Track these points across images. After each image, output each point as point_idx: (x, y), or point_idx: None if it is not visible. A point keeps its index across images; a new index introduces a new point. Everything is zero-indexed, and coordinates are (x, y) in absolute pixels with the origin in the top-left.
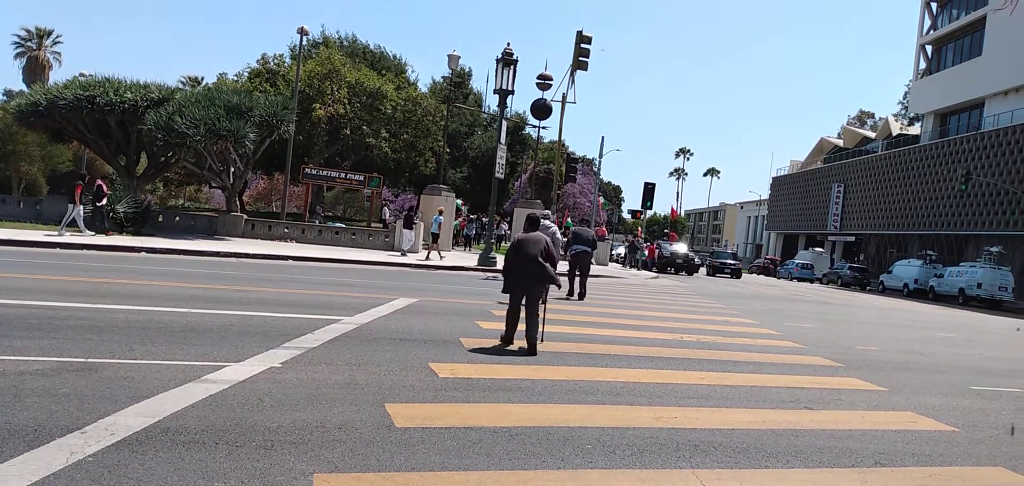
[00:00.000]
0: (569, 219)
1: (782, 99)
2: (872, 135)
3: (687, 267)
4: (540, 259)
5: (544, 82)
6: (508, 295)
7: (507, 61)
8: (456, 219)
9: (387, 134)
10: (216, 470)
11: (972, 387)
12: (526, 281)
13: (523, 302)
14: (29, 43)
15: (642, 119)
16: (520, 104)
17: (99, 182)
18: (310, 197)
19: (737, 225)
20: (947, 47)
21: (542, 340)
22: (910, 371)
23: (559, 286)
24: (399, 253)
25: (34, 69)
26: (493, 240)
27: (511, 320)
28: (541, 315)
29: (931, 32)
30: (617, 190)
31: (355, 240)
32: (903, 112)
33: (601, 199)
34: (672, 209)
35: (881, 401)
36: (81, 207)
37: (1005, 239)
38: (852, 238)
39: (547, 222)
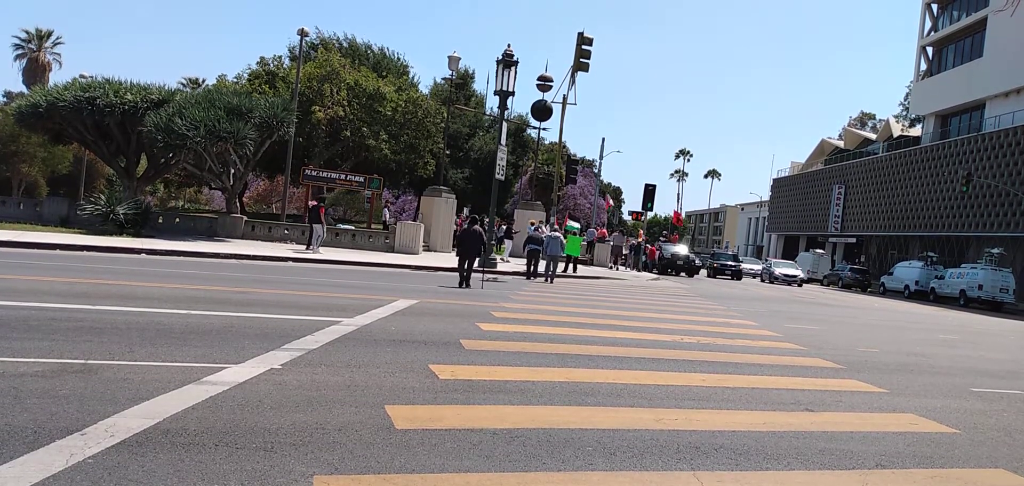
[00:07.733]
0: (569, 223)
1: (783, 100)
2: (873, 136)
3: (687, 269)
4: (475, 240)
5: (544, 83)
6: (458, 258)
7: (507, 62)
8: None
9: (387, 136)
10: (216, 472)
11: (973, 389)
12: (468, 250)
13: (467, 262)
14: (29, 45)
15: (642, 120)
16: (521, 106)
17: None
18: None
19: (738, 227)
20: (948, 48)
21: (483, 285)
22: (911, 373)
23: (484, 257)
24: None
25: (34, 71)
26: (494, 242)
27: (461, 274)
28: (482, 274)
29: (932, 33)
30: (617, 191)
31: (355, 241)
32: (904, 113)
33: (609, 201)
34: (675, 213)
35: (882, 403)
36: (323, 227)
37: (1006, 241)
38: (853, 239)
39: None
